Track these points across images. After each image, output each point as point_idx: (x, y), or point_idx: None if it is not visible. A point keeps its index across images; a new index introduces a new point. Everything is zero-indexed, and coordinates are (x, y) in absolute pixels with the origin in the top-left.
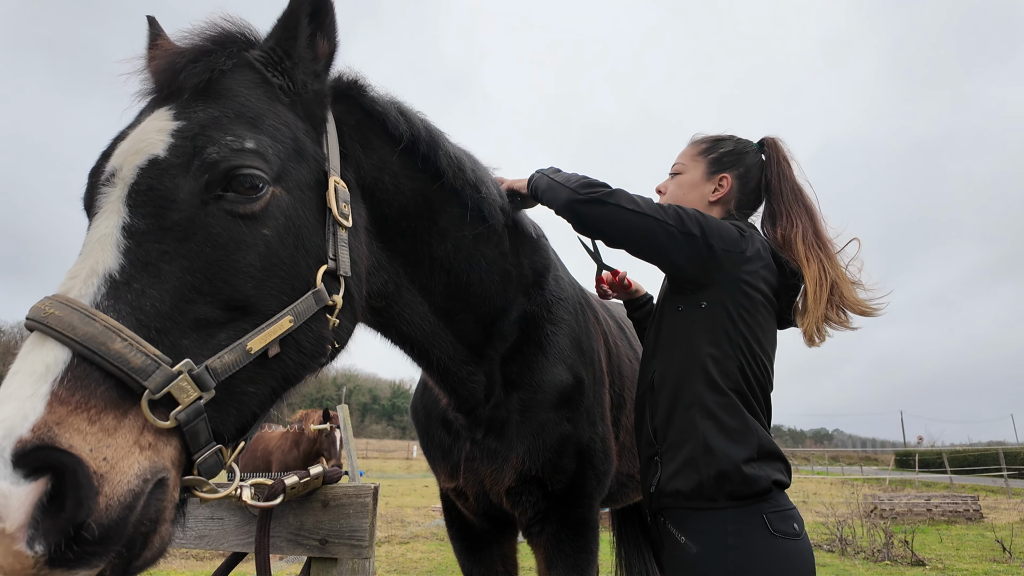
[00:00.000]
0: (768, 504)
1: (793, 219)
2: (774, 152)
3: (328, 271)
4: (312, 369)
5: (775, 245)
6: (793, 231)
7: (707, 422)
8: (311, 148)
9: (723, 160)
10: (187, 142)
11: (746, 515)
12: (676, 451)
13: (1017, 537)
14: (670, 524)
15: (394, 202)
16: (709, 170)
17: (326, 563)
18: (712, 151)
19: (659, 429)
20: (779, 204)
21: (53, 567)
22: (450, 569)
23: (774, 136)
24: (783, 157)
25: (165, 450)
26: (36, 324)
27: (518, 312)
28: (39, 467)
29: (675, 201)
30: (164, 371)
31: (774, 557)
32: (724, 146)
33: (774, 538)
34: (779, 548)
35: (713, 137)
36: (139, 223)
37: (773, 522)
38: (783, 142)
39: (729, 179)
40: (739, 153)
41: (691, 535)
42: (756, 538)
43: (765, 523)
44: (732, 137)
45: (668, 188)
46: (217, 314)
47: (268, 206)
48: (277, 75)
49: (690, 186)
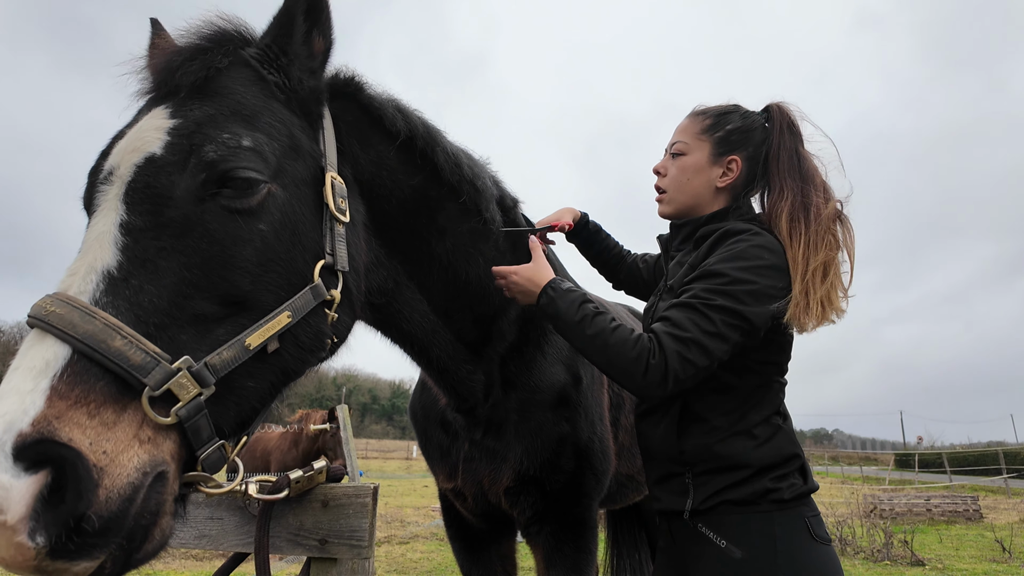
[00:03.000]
0: (808, 508)
1: (784, 192)
2: (779, 118)
3: (325, 266)
4: (311, 364)
5: (765, 221)
6: (781, 204)
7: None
8: (307, 144)
9: (731, 139)
10: (183, 140)
11: (790, 519)
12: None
13: (1017, 537)
14: (705, 528)
15: (392, 198)
16: (716, 151)
17: (326, 563)
18: (717, 128)
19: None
20: (775, 176)
21: (55, 558)
22: (449, 569)
23: (780, 101)
24: (788, 124)
25: (164, 444)
26: (37, 321)
27: (517, 311)
28: (39, 460)
29: (678, 188)
30: (163, 368)
31: (819, 563)
32: (730, 121)
33: (815, 543)
34: (822, 554)
35: (717, 110)
36: (136, 220)
37: (814, 527)
38: (790, 106)
39: (739, 162)
40: (747, 130)
41: (733, 539)
42: (802, 542)
43: (808, 527)
44: (738, 109)
45: (669, 171)
46: (215, 310)
47: (264, 202)
48: (273, 72)
49: (695, 170)
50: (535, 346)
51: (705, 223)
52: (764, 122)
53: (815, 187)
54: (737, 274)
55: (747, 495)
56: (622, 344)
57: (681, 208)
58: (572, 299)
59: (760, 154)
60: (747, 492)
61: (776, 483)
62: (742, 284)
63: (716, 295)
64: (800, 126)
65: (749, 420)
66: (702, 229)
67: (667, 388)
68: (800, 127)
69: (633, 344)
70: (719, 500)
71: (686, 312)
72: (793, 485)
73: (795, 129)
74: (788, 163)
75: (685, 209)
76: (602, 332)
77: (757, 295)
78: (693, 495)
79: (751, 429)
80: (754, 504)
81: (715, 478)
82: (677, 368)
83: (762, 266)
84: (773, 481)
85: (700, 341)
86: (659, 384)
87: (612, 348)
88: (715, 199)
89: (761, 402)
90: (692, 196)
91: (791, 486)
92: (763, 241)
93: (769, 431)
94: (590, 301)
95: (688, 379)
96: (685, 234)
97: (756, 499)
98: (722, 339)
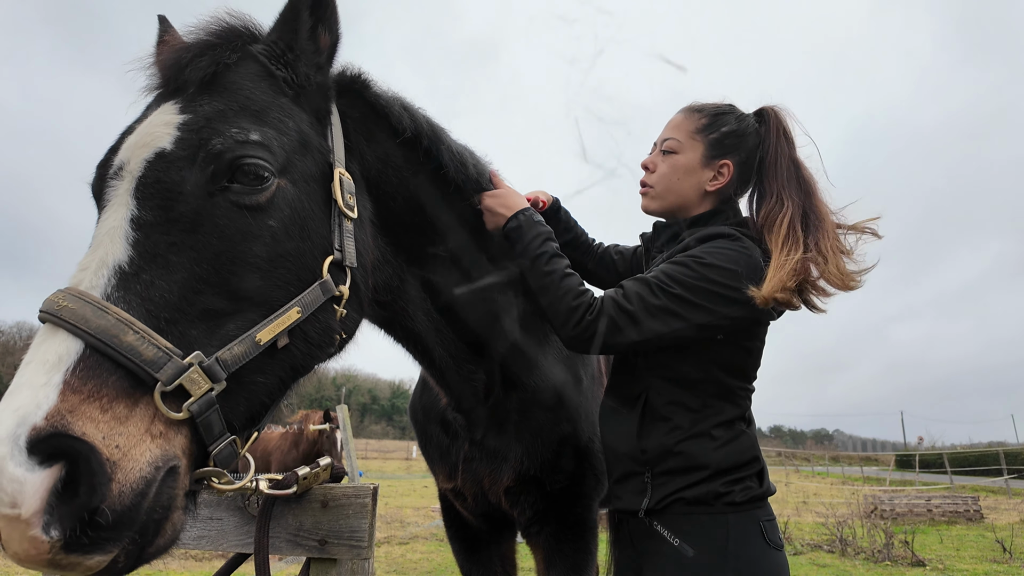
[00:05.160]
0: (763, 512)
1: (784, 201)
2: (774, 124)
3: (334, 262)
4: (320, 359)
5: (755, 229)
6: (781, 212)
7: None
8: (316, 140)
9: (725, 143)
10: (193, 135)
11: (744, 521)
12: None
13: (1017, 538)
14: (660, 526)
15: (398, 196)
16: (708, 154)
17: (325, 564)
18: (712, 129)
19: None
20: (771, 183)
21: (68, 552)
22: (449, 570)
23: (774, 105)
24: (784, 131)
25: (176, 439)
26: (49, 316)
27: (518, 311)
28: (53, 454)
29: (666, 186)
30: (175, 363)
31: (769, 567)
32: (725, 123)
33: (768, 547)
34: (774, 558)
35: (712, 109)
36: (147, 215)
37: (768, 531)
38: (784, 111)
39: (731, 166)
40: (741, 134)
41: (686, 538)
42: (755, 547)
43: (762, 531)
44: (733, 111)
45: (659, 167)
46: (225, 305)
47: (274, 197)
48: (281, 68)
49: (686, 171)
50: (536, 346)
51: (690, 226)
52: (758, 126)
53: (816, 198)
54: (704, 271)
55: (701, 495)
56: (567, 292)
57: (667, 207)
58: (538, 232)
59: (752, 159)
60: (701, 492)
61: (730, 486)
62: (705, 282)
63: (675, 283)
64: (793, 132)
65: (711, 422)
66: (686, 232)
67: (591, 347)
68: (793, 133)
69: (576, 295)
70: (673, 499)
71: (639, 286)
72: (748, 488)
73: (789, 136)
74: (787, 172)
75: (671, 209)
76: (554, 273)
77: (716, 297)
78: (651, 494)
79: (711, 431)
80: (707, 504)
81: (674, 479)
82: (605, 332)
83: (733, 272)
84: (727, 485)
85: (637, 317)
86: (585, 341)
87: (557, 291)
88: (702, 202)
89: (725, 407)
90: (680, 196)
91: (745, 489)
92: (744, 248)
93: (731, 434)
94: (554, 240)
95: (613, 347)
96: (669, 235)
97: (710, 500)
98: (661, 323)
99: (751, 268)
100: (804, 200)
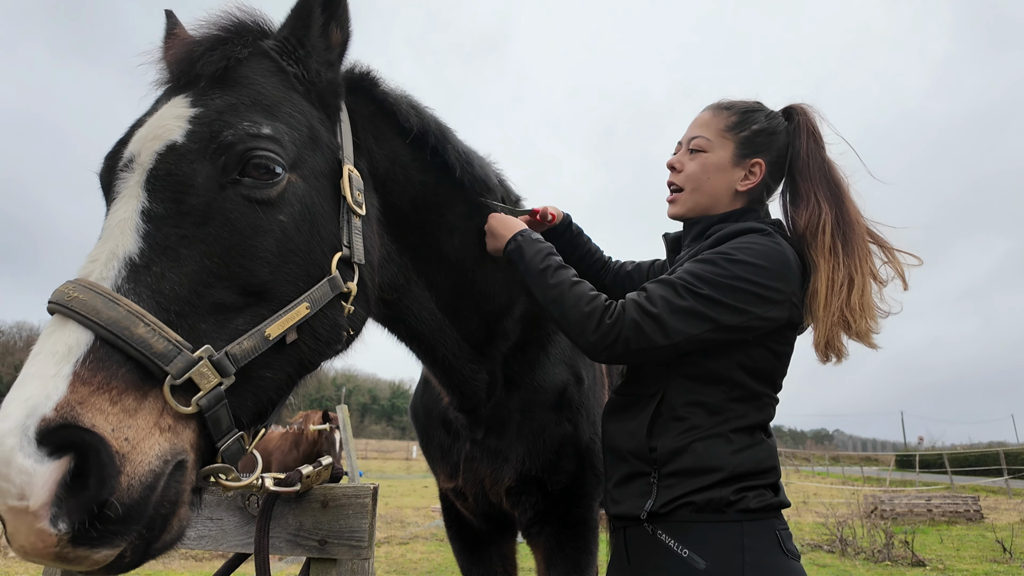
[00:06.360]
0: (779, 520)
1: (820, 204)
2: (804, 123)
3: (343, 258)
4: (328, 356)
5: (795, 234)
6: (820, 217)
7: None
8: (326, 136)
9: (756, 141)
10: (204, 128)
11: (760, 529)
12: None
13: (1017, 538)
14: (665, 535)
15: (404, 194)
16: (739, 152)
17: (325, 564)
18: (742, 127)
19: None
20: (805, 184)
21: (76, 545)
22: (450, 570)
23: (803, 104)
24: (813, 129)
25: (184, 433)
26: (59, 307)
27: (521, 311)
28: (63, 445)
29: (696, 185)
30: (185, 356)
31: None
32: (755, 121)
33: (786, 557)
34: (792, 569)
35: (742, 107)
36: (158, 208)
37: (784, 540)
38: (813, 110)
39: (763, 166)
40: (772, 132)
41: (696, 548)
42: (773, 555)
43: (779, 540)
44: (762, 109)
45: (687, 167)
46: (234, 299)
47: (284, 192)
48: (292, 64)
49: (716, 170)
50: (538, 346)
51: (718, 221)
52: (787, 125)
53: (848, 200)
54: (734, 268)
55: (711, 500)
56: (579, 298)
57: (696, 208)
58: (539, 248)
59: (783, 159)
60: (712, 497)
61: (742, 493)
62: (736, 280)
63: (702, 282)
64: (821, 131)
65: (730, 425)
66: (714, 227)
67: (614, 352)
68: (821, 132)
69: (589, 300)
70: (681, 503)
71: (662, 288)
72: (762, 495)
73: (818, 135)
74: (819, 173)
75: (700, 210)
76: (562, 283)
77: (747, 296)
78: (656, 496)
79: (729, 433)
80: (719, 512)
81: (683, 481)
82: (630, 337)
83: (766, 268)
84: (740, 491)
85: (663, 320)
86: (607, 346)
87: (568, 300)
88: (732, 203)
89: (747, 411)
90: (710, 196)
91: (760, 495)
92: (777, 244)
93: (750, 440)
94: (556, 255)
95: (639, 352)
96: (696, 232)
97: (722, 506)
98: (689, 326)
99: (785, 265)
100: (836, 205)
